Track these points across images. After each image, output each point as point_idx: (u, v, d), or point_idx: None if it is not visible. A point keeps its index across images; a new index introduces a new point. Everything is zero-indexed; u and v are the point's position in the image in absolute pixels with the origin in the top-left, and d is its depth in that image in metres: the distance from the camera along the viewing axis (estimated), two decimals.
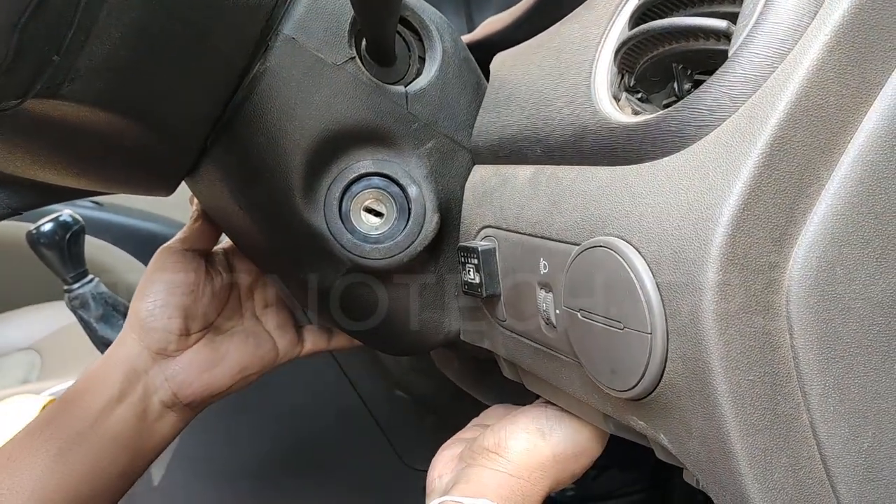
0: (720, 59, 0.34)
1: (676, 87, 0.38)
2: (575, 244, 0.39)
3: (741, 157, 0.31)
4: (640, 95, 0.40)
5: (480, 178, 0.52)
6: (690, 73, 0.38)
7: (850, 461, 0.32)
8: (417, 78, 0.51)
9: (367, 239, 0.51)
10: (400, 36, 0.51)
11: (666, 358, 0.33)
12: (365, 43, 0.49)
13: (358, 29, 0.48)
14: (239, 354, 0.62)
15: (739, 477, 0.32)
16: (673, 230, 0.33)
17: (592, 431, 0.49)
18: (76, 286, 0.81)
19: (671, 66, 0.38)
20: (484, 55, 0.55)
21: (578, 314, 0.39)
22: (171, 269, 0.60)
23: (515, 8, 0.53)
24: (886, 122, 0.31)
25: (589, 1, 0.46)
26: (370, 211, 0.51)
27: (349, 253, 0.50)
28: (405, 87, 0.50)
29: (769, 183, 0.31)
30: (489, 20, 0.58)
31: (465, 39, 0.55)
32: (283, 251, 0.55)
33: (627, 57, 0.39)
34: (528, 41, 0.51)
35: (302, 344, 0.65)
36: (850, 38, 0.31)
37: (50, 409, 0.57)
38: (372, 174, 0.50)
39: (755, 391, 0.31)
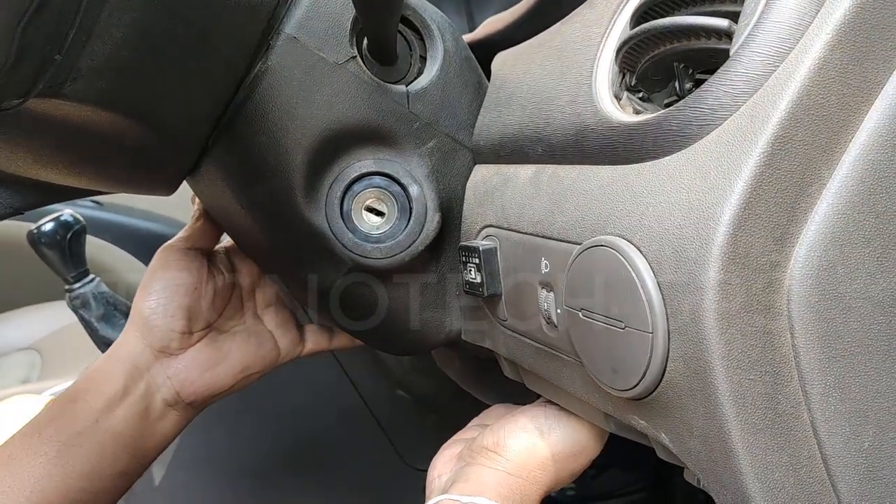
0: (722, 58, 0.34)
1: (678, 86, 0.38)
2: (576, 243, 0.39)
3: (742, 156, 0.31)
4: (641, 95, 0.40)
5: (482, 177, 0.52)
6: (692, 72, 0.38)
7: (850, 460, 0.32)
8: (419, 77, 0.51)
9: (368, 238, 0.51)
10: (401, 35, 0.51)
11: (667, 357, 0.33)
12: (366, 42, 0.49)
13: (359, 28, 0.48)
14: (241, 353, 0.62)
15: (740, 476, 0.32)
16: (674, 229, 0.33)
17: (591, 431, 0.49)
18: (77, 286, 0.81)
19: (672, 65, 0.38)
20: (485, 54, 0.55)
21: (579, 314, 0.39)
22: (173, 267, 0.60)
23: (516, 7, 0.53)
24: (888, 121, 0.31)
25: (590, 0, 0.46)
26: (371, 210, 0.51)
27: (350, 252, 0.50)
28: (406, 86, 0.50)
29: (770, 182, 0.31)
30: (490, 19, 0.58)
31: (466, 39, 0.55)
32: (284, 250, 0.55)
33: (629, 56, 0.39)
34: (529, 40, 0.51)
35: (303, 344, 0.66)
36: (851, 37, 0.31)
37: (51, 407, 0.57)
38: (373, 173, 0.50)
39: (756, 390, 0.31)
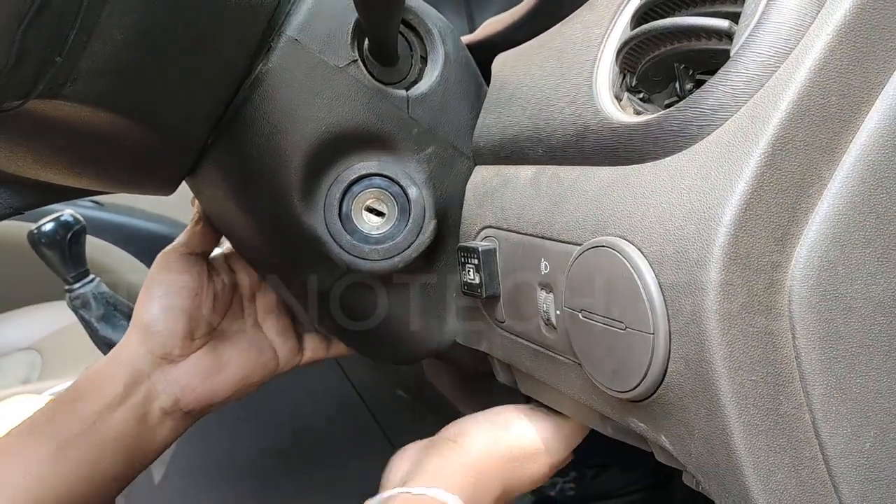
0: (722, 58, 0.34)
1: (678, 86, 0.38)
2: (576, 244, 0.39)
3: (743, 156, 0.31)
4: (641, 95, 0.40)
5: (482, 178, 0.52)
6: (692, 72, 0.38)
7: (852, 461, 0.32)
8: (419, 80, 0.51)
9: (367, 240, 0.50)
10: (402, 35, 0.51)
11: (668, 358, 0.33)
12: (367, 43, 0.49)
13: (360, 30, 0.48)
14: (241, 362, 0.62)
15: (742, 478, 0.32)
16: (675, 230, 0.33)
17: (556, 433, 0.48)
18: (77, 286, 0.81)
19: (673, 65, 0.38)
20: (485, 56, 0.54)
21: (579, 314, 0.39)
22: (174, 270, 0.60)
23: (517, 8, 0.53)
24: (888, 121, 0.31)
25: (590, 1, 0.45)
26: (372, 211, 0.51)
27: (347, 254, 0.50)
28: (407, 90, 0.50)
29: (771, 182, 0.31)
30: (490, 20, 0.57)
31: (466, 40, 0.55)
32: (281, 253, 0.55)
33: (629, 57, 0.39)
34: (529, 42, 0.51)
35: (302, 353, 0.66)
36: (851, 37, 0.31)
37: (49, 406, 0.57)
38: (374, 174, 0.50)
39: (758, 391, 0.31)
